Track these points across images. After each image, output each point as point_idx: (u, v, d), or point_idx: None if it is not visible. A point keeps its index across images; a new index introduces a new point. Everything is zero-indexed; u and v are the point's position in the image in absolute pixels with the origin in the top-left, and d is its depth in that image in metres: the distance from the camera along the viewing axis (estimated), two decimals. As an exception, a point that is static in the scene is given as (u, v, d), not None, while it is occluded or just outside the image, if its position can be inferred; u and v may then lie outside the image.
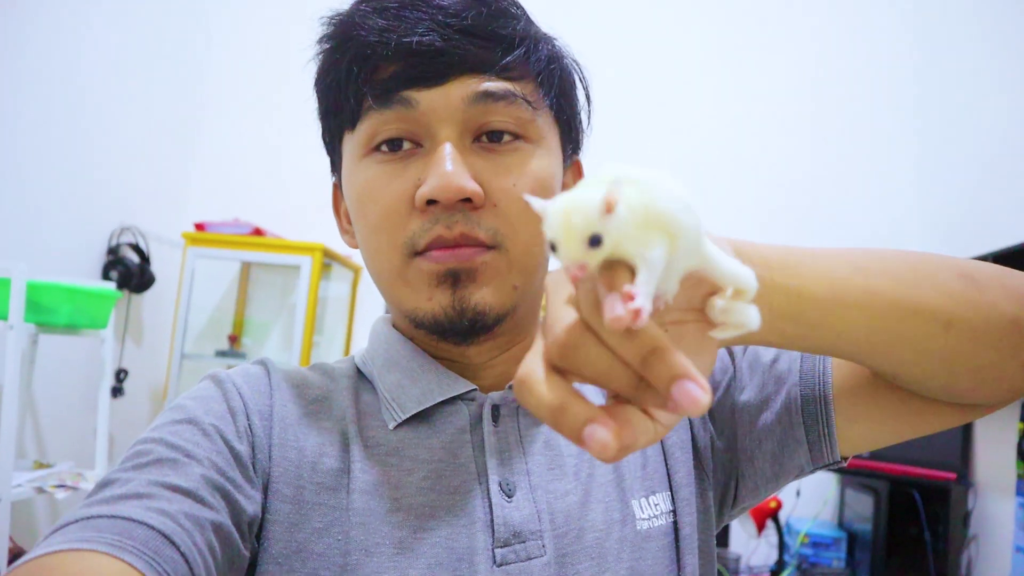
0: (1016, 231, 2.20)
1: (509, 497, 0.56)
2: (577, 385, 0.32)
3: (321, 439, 0.58)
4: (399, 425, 0.59)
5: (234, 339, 2.89)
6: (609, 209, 0.28)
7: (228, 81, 3.12)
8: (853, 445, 0.59)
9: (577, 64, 0.64)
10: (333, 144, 0.64)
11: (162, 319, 2.83)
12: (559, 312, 0.32)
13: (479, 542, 0.54)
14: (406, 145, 0.57)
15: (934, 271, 0.47)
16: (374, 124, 0.57)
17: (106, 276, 2.49)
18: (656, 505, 0.61)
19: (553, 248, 0.30)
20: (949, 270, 0.47)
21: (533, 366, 0.31)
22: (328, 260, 2.75)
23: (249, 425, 0.56)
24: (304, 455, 0.57)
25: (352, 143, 0.60)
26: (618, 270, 0.29)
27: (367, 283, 3.00)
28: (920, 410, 0.54)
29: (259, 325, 3.00)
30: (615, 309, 0.28)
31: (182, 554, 0.42)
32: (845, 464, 0.60)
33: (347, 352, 2.96)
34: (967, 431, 2.33)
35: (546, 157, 0.59)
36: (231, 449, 0.52)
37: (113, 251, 2.54)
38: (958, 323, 0.45)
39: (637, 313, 0.28)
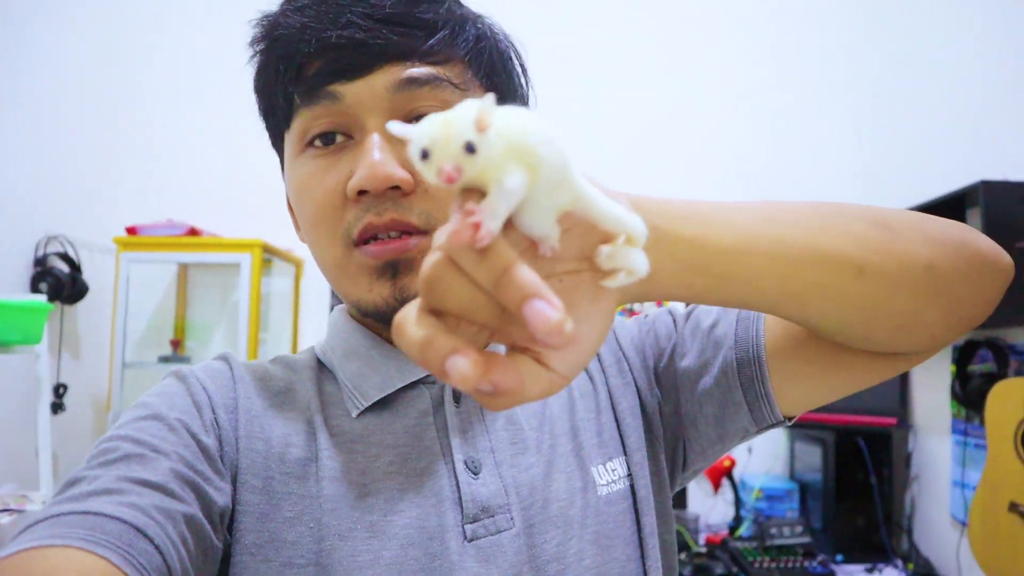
0: (942, 183, 2.29)
1: (475, 474, 0.58)
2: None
3: (287, 429, 0.59)
4: (362, 413, 0.60)
5: (177, 343, 2.82)
6: (481, 127, 0.29)
7: (153, 74, 2.99)
8: (793, 404, 0.61)
9: (511, 42, 0.65)
10: (276, 145, 0.65)
11: (99, 329, 2.73)
12: (431, 254, 0.32)
13: (449, 519, 0.56)
14: (339, 139, 0.58)
15: (847, 220, 0.47)
16: (305, 121, 0.58)
17: (35, 289, 2.39)
18: (614, 471, 0.63)
19: (424, 155, 0.30)
20: (862, 219, 0.47)
21: (408, 309, 0.32)
22: (268, 255, 2.69)
23: (215, 418, 0.56)
24: (271, 446, 0.57)
25: (289, 141, 0.61)
26: (472, 193, 0.30)
27: (310, 276, 2.96)
28: (849, 364, 0.56)
29: (202, 327, 2.92)
30: (456, 224, 0.29)
31: (156, 546, 0.42)
32: (790, 424, 0.63)
33: (295, 347, 2.92)
34: (904, 377, 2.44)
35: None
36: (198, 442, 0.53)
37: (40, 262, 2.43)
38: (871, 269, 0.46)
39: (477, 226, 0.28)
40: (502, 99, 0.63)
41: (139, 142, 2.96)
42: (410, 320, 0.31)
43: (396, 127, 0.33)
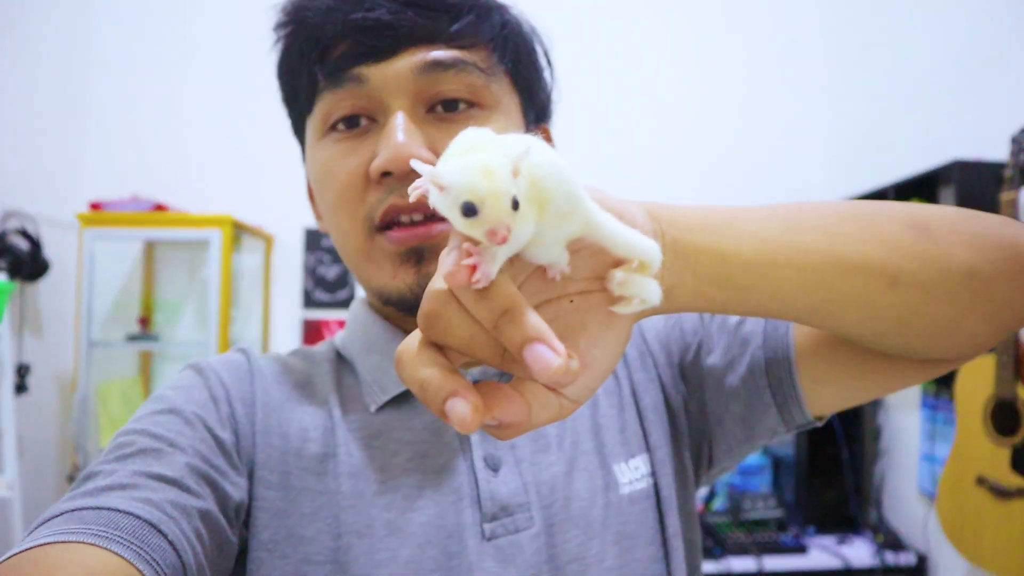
0: (916, 162, 2.30)
1: (495, 472, 0.57)
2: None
3: (304, 424, 0.59)
4: (381, 408, 0.60)
5: (145, 321, 2.76)
6: (516, 174, 0.29)
7: (117, 41, 2.88)
8: (824, 405, 0.59)
9: (536, 31, 0.64)
10: (299, 131, 0.65)
11: (63, 307, 2.66)
12: (432, 284, 0.32)
13: (467, 518, 0.55)
14: (363, 122, 0.57)
15: (879, 223, 0.43)
16: (328, 104, 0.57)
17: (-7, 266, 2.32)
18: (636, 468, 0.61)
19: (470, 212, 0.28)
20: (897, 221, 0.43)
21: (410, 340, 0.32)
22: (238, 232, 2.63)
23: (232, 412, 0.56)
24: (288, 441, 0.57)
25: (311, 126, 0.60)
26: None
27: (281, 253, 2.91)
28: (883, 368, 0.52)
29: (170, 305, 2.86)
30: (452, 264, 0.29)
31: (170, 542, 0.42)
32: (821, 424, 0.60)
33: (266, 325, 2.88)
34: (875, 353, 2.47)
35: (503, 123, 0.59)
36: (214, 437, 0.53)
37: (-1, 238, 2.35)
38: (905, 278, 0.42)
39: (473, 269, 0.29)
40: (527, 87, 0.63)
41: (103, 114, 2.87)
42: (410, 353, 0.31)
43: (420, 167, 0.31)
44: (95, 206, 2.57)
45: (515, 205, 0.28)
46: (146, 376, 2.80)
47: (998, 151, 1.93)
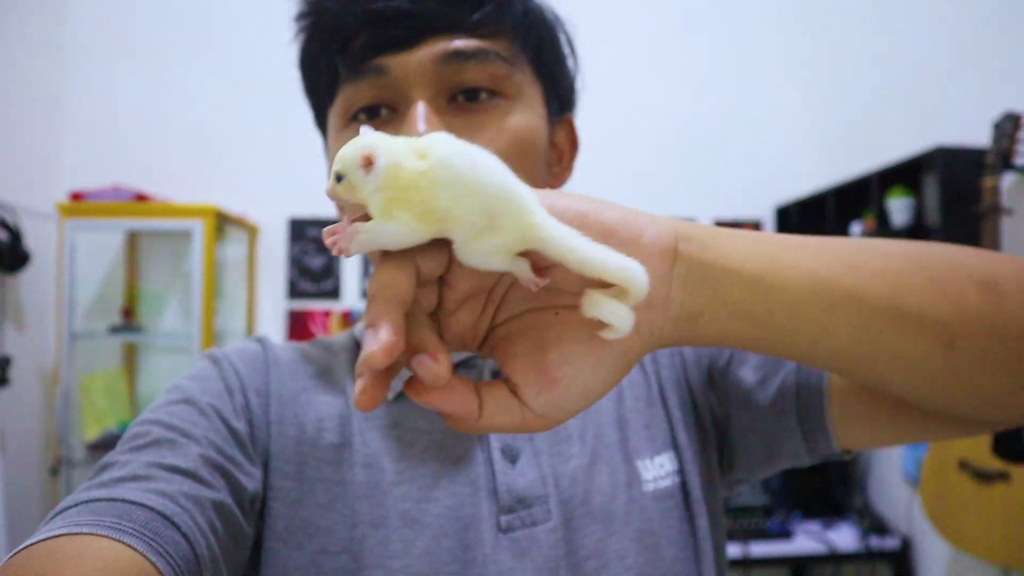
0: (899, 148, 2.31)
1: (512, 463, 0.57)
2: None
3: (320, 414, 0.58)
4: (398, 396, 0.59)
5: (128, 313, 2.73)
6: (364, 163, 0.31)
7: (97, 28, 2.84)
8: (854, 441, 0.56)
9: (559, 18, 0.63)
10: (321, 123, 0.64)
11: (44, 299, 2.63)
12: None
13: (483, 509, 0.55)
14: (384, 112, 0.56)
15: (947, 275, 0.38)
16: (349, 95, 0.57)
17: (-28, 257, 2.28)
18: (661, 466, 0.60)
19: (338, 179, 0.32)
20: (966, 276, 0.38)
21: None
22: (222, 222, 2.61)
23: (246, 403, 0.56)
24: (304, 431, 0.57)
25: (332, 118, 0.59)
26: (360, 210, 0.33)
27: (265, 242, 2.89)
28: (921, 420, 0.48)
29: (154, 296, 2.84)
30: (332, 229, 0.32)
31: (183, 534, 0.42)
32: (848, 458, 0.58)
33: (251, 316, 2.86)
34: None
35: (526, 113, 0.58)
36: (229, 427, 0.53)
37: (-23, 230, 2.32)
38: (964, 343, 0.37)
39: (334, 244, 0.32)
40: (550, 76, 0.62)
41: (83, 103, 2.83)
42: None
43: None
44: (76, 196, 2.53)
45: (339, 179, 0.32)
46: (130, 368, 2.78)
47: (981, 137, 1.94)
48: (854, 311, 0.36)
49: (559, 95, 0.64)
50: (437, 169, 0.30)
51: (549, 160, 0.62)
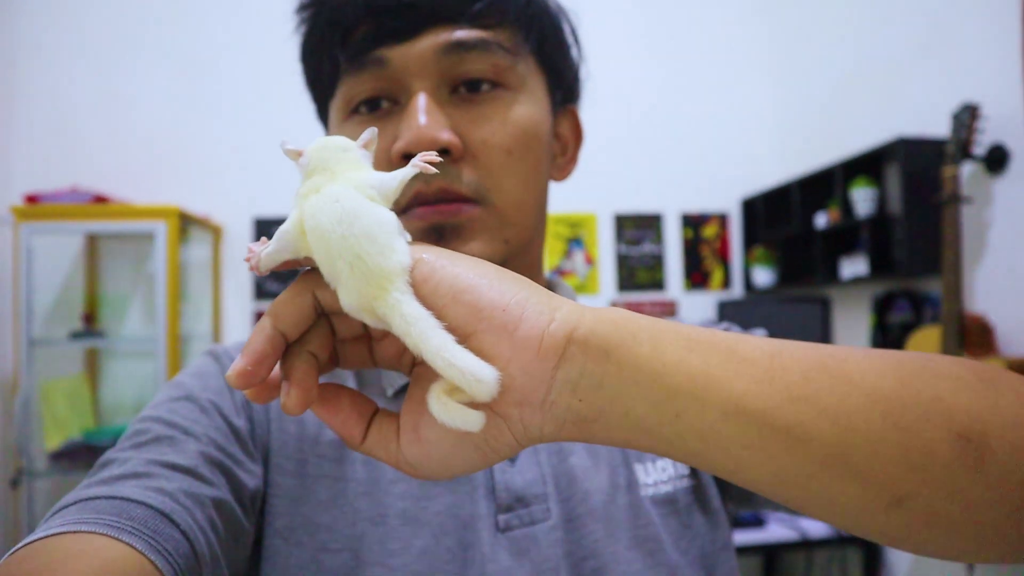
0: (861, 140, 2.35)
1: (512, 461, 0.56)
2: None
3: None
4: (398, 391, 0.59)
5: (89, 318, 2.66)
6: (294, 156, 0.34)
7: (49, 25, 2.75)
8: None
9: (562, 9, 0.63)
10: (323, 116, 0.63)
11: (0, 305, 2.55)
12: None
13: (481, 508, 0.54)
14: (384, 104, 0.56)
15: (920, 423, 0.31)
16: (350, 87, 0.56)
17: (-76, 263, 2.21)
18: (664, 470, 0.59)
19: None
20: (945, 424, 0.31)
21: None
22: (185, 223, 2.56)
23: (246, 399, 0.55)
24: (305, 427, 0.57)
25: (334, 110, 0.59)
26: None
27: (230, 243, 2.84)
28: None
29: (115, 300, 2.77)
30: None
31: (182, 532, 0.41)
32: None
33: (216, 318, 2.81)
34: (825, 328, 2.52)
35: (528, 104, 0.57)
36: (229, 424, 0.53)
37: (-72, 235, 2.24)
38: (913, 504, 0.31)
39: (251, 248, 0.34)
40: (553, 67, 0.61)
41: (37, 102, 2.74)
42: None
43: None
44: (31, 199, 2.46)
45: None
46: (92, 373, 2.71)
47: (940, 128, 1.97)
48: (783, 453, 0.30)
49: (563, 86, 0.63)
50: (307, 217, 0.32)
51: (553, 151, 0.62)
